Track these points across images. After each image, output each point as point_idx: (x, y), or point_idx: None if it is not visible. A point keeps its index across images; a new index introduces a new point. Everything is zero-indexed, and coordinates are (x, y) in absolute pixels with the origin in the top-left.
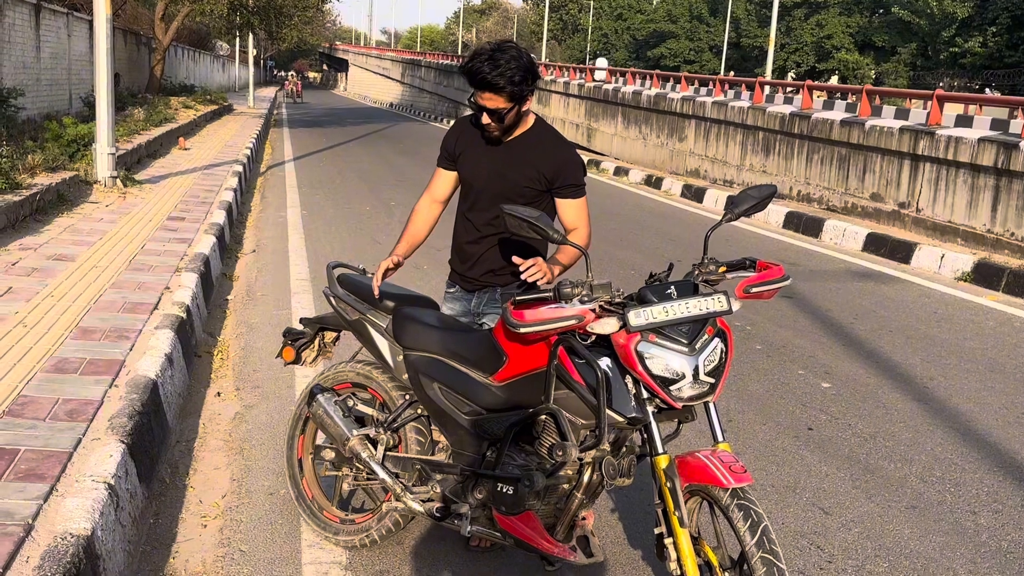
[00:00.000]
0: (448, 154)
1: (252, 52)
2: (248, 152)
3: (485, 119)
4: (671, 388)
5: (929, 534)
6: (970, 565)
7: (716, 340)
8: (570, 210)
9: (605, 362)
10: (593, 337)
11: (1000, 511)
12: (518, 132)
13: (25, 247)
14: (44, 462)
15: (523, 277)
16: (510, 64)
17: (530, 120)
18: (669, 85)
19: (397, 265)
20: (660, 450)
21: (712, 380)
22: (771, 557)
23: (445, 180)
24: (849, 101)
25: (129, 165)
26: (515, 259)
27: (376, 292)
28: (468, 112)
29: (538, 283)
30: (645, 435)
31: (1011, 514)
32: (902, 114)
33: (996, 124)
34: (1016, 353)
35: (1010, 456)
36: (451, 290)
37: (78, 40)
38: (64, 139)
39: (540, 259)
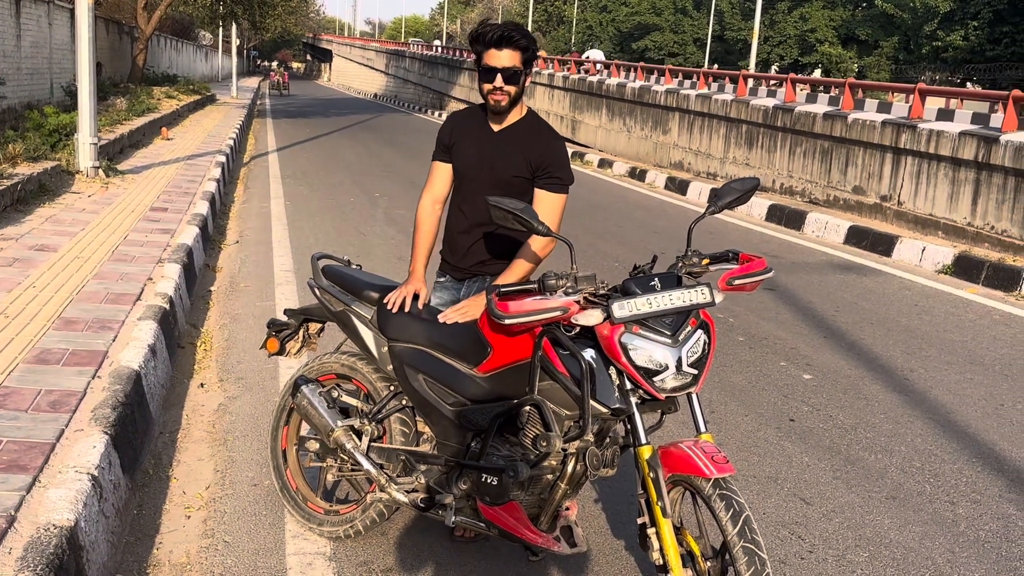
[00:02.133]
0: (443, 146)
1: (235, 42)
2: (231, 142)
3: (498, 82)
4: (654, 379)
5: (908, 524)
6: (948, 555)
7: (699, 332)
8: (545, 203)
9: (589, 353)
10: (577, 328)
11: (979, 501)
12: (511, 120)
13: (6, 237)
14: (27, 453)
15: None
16: (518, 27)
17: (524, 109)
18: (653, 78)
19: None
20: (643, 441)
21: (695, 371)
22: (752, 546)
23: (443, 176)
24: (832, 94)
25: (111, 155)
26: (440, 318)
27: (407, 308)
28: (460, 107)
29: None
30: (628, 426)
31: (989, 504)
32: (884, 107)
33: (977, 118)
34: (995, 345)
35: (988, 447)
36: (441, 279)
37: (59, 29)
38: (45, 129)
39: (470, 303)
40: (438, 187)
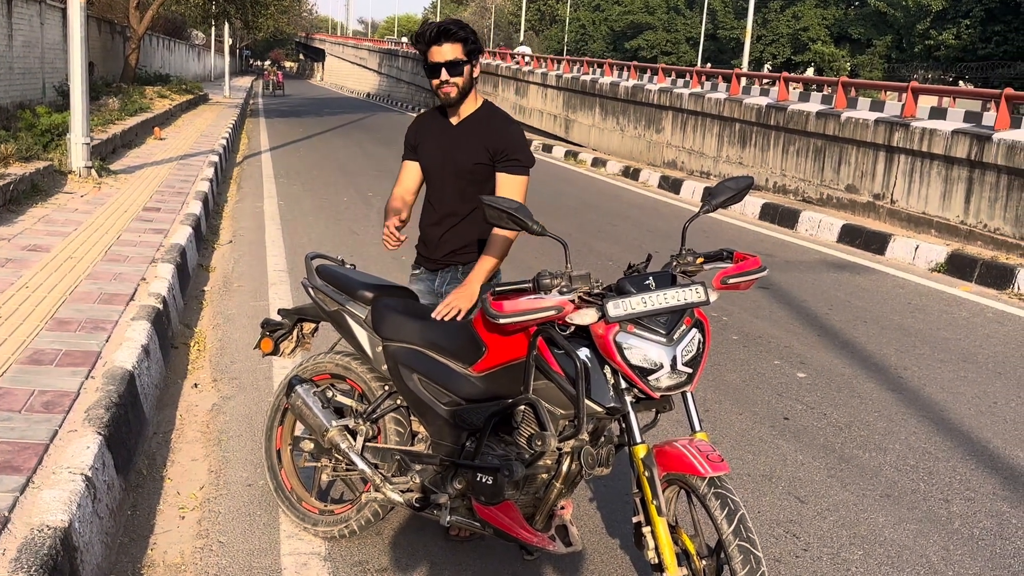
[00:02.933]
0: (410, 146)
1: (228, 41)
2: (224, 142)
3: (444, 76)
4: (649, 378)
5: (903, 522)
6: (943, 552)
7: (693, 330)
8: (507, 185)
9: (584, 352)
10: (572, 328)
11: (972, 499)
12: (467, 112)
13: None
14: (20, 454)
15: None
16: (457, 21)
17: (479, 100)
18: (646, 76)
19: (404, 221)
20: (638, 440)
21: (690, 370)
22: (748, 545)
23: (411, 172)
24: (825, 93)
25: (104, 155)
26: (433, 315)
27: (397, 229)
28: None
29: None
30: (623, 425)
31: (983, 502)
32: (877, 106)
33: (969, 116)
34: (988, 343)
35: (982, 445)
36: (416, 271)
37: (51, 28)
38: (38, 128)
39: (453, 297)
40: (407, 182)
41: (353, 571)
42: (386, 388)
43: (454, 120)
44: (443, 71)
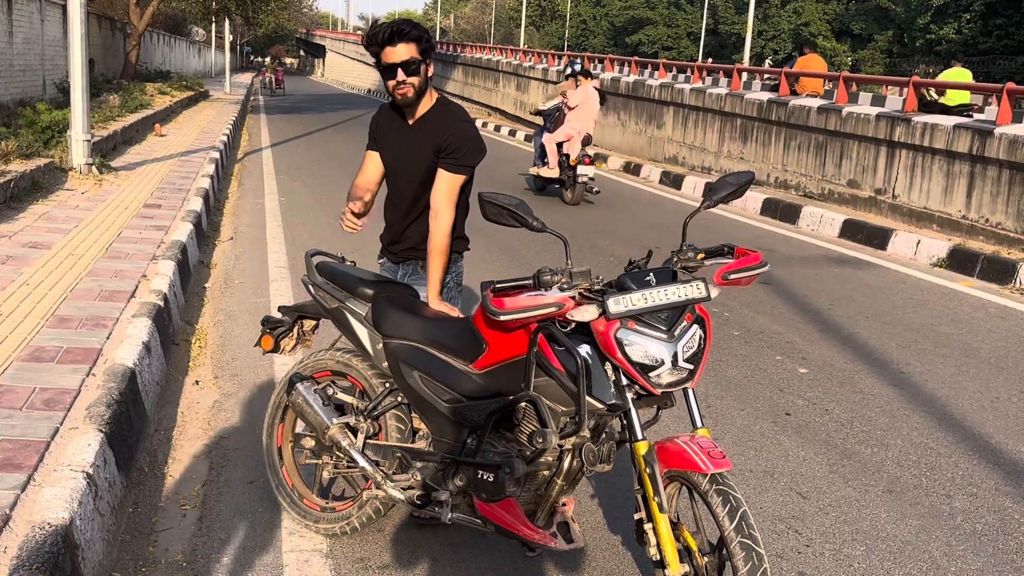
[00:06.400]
0: (373, 137)
1: (228, 38)
2: (225, 139)
3: (400, 76)
4: (650, 375)
5: (905, 518)
6: (945, 548)
7: (695, 327)
8: (439, 181)
9: (585, 349)
10: (573, 324)
11: (975, 494)
12: (423, 110)
13: (0, 235)
14: (21, 451)
15: None
16: (409, 21)
17: (433, 97)
18: (647, 72)
19: (367, 204)
20: (639, 436)
21: (691, 366)
22: (750, 542)
23: (374, 163)
24: (826, 88)
25: (105, 152)
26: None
27: (359, 213)
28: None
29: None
30: (624, 421)
31: (985, 497)
32: (878, 101)
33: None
34: (990, 338)
35: (984, 440)
36: (379, 260)
37: (51, 25)
38: (38, 125)
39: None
40: (369, 173)
41: (355, 568)
42: (387, 385)
43: (410, 120)
44: (399, 71)
